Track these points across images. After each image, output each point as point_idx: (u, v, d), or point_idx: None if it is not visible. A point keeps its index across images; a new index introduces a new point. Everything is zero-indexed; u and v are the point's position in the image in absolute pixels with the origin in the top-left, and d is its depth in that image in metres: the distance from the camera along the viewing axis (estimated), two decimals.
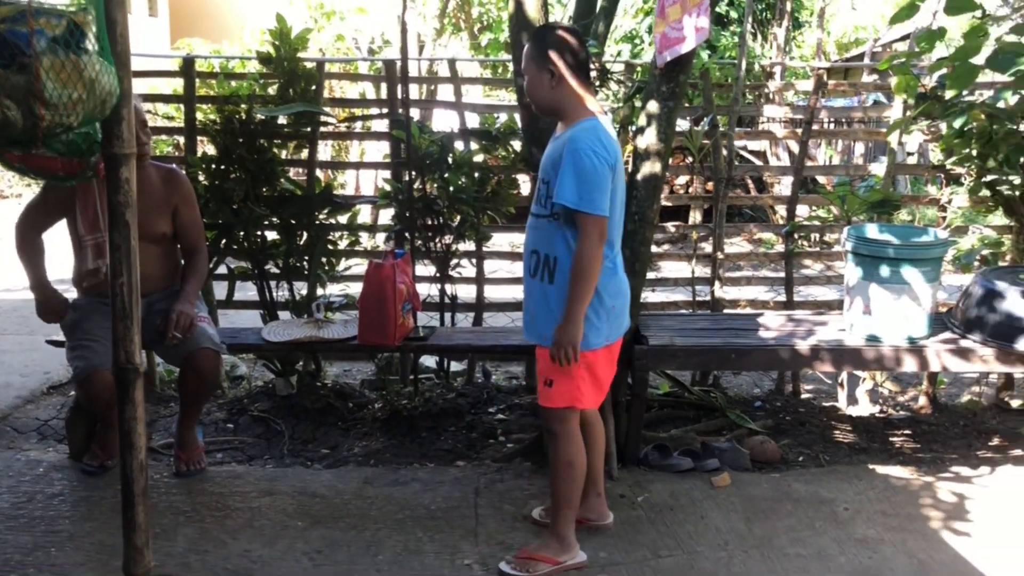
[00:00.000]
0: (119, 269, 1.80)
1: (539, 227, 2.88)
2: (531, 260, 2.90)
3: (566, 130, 2.81)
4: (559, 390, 2.86)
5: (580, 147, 2.70)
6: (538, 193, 2.89)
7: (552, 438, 2.95)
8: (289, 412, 4.38)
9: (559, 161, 2.74)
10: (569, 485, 2.93)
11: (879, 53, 12.61)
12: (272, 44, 4.41)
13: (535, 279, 2.88)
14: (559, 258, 2.80)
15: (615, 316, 2.92)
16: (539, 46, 2.82)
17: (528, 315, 2.97)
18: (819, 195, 5.30)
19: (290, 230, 4.52)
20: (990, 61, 3.62)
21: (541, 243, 2.86)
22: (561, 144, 2.77)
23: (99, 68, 1.65)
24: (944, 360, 3.55)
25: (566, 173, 2.70)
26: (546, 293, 2.85)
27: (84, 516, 3.28)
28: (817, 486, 3.58)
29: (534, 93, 2.86)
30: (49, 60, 1.58)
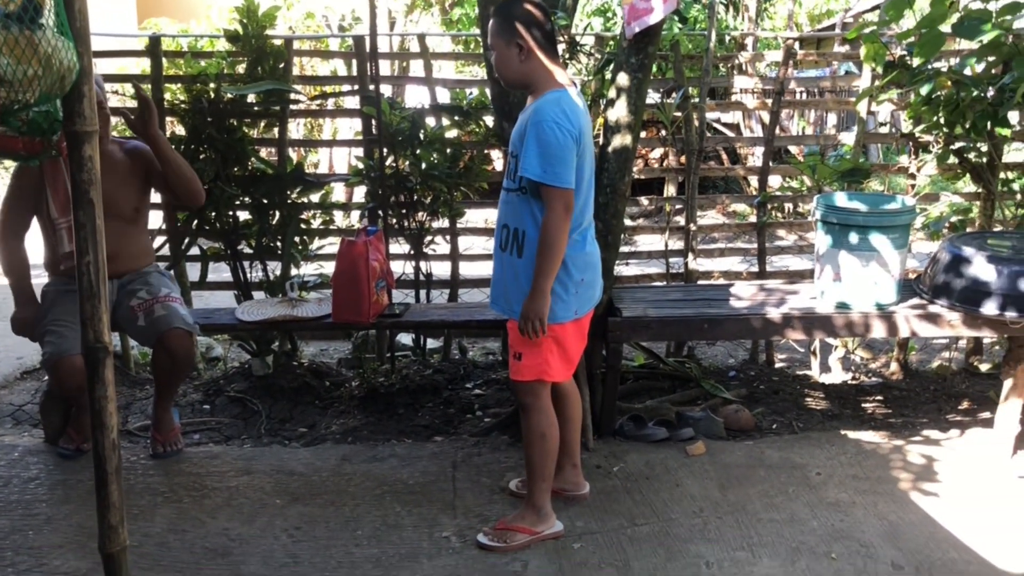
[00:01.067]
0: (85, 248, 1.79)
1: (509, 201, 2.88)
2: (502, 234, 2.90)
3: (533, 102, 2.81)
4: (528, 363, 2.88)
5: (543, 118, 2.69)
6: (508, 167, 2.89)
7: (524, 411, 2.97)
8: (266, 392, 4.38)
9: (524, 133, 2.74)
10: (543, 457, 2.95)
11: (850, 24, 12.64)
12: (240, 22, 4.36)
13: (505, 252, 2.89)
14: (527, 232, 2.80)
15: (584, 289, 2.92)
16: (505, 20, 2.79)
17: (497, 288, 2.98)
18: (790, 165, 5.33)
19: (262, 209, 4.50)
20: (956, 28, 3.64)
21: (511, 217, 2.86)
22: (527, 117, 2.77)
23: (56, 44, 1.63)
24: (913, 325, 3.60)
25: (530, 146, 2.70)
26: (515, 267, 2.85)
27: (61, 499, 3.27)
28: (790, 452, 3.63)
29: (503, 68, 2.84)
30: (2, 36, 1.56)
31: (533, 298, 2.75)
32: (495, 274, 2.99)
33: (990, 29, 3.51)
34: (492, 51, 2.86)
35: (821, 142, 5.58)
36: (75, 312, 3.31)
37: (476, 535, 2.97)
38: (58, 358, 3.25)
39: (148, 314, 3.40)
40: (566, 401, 3.15)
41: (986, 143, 4.25)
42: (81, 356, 3.13)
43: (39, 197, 3.40)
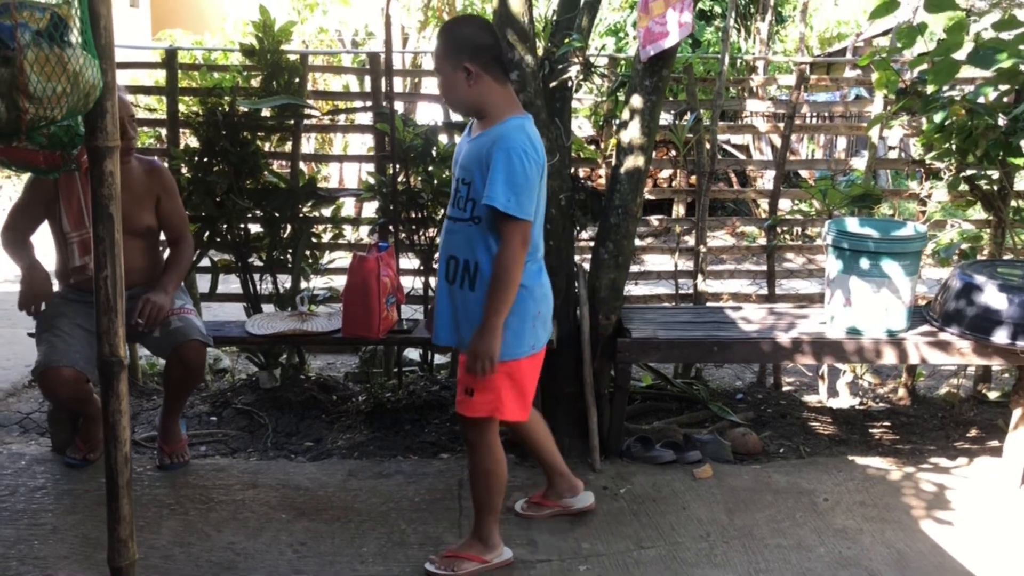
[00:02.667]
0: (103, 262, 1.80)
1: (457, 231, 2.70)
2: (449, 266, 2.73)
3: (490, 128, 2.65)
4: (479, 400, 2.73)
5: (511, 147, 2.55)
6: (456, 195, 2.72)
7: (469, 447, 2.86)
8: (273, 405, 4.38)
9: (485, 161, 2.59)
10: (488, 493, 2.86)
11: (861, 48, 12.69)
12: (255, 36, 4.39)
13: (454, 285, 2.72)
14: (480, 264, 2.65)
15: (540, 322, 2.79)
16: (451, 43, 2.63)
17: (443, 320, 2.80)
18: (801, 189, 5.34)
19: (274, 223, 4.51)
20: (971, 57, 3.65)
21: (460, 248, 2.69)
22: (488, 143, 2.61)
23: (83, 61, 1.65)
24: (923, 352, 3.59)
25: (497, 173, 2.53)
26: (466, 301, 2.70)
27: (67, 509, 3.27)
28: (797, 477, 3.62)
29: (449, 93, 2.67)
30: (33, 53, 1.57)
31: (483, 335, 2.60)
32: (439, 307, 2.81)
33: (1005, 59, 3.51)
34: (438, 75, 2.68)
35: (832, 167, 5.58)
36: (73, 324, 3.37)
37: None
38: (45, 368, 3.23)
39: (164, 326, 3.41)
40: (535, 427, 3.07)
41: (998, 171, 4.25)
42: (69, 369, 3.21)
43: (51, 209, 3.41)
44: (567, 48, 3.69)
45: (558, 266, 3.72)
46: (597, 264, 3.80)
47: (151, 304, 3.34)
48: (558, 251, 3.72)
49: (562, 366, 3.75)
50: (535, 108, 3.59)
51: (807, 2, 12.67)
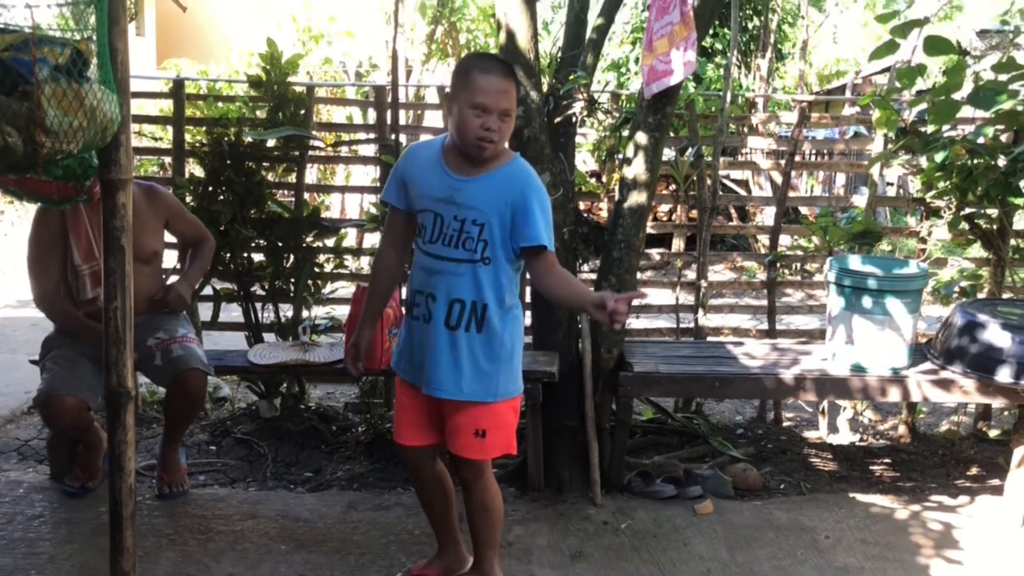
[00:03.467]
0: (113, 293, 1.81)
1: (460, 273, 2.57)
2: (452, 310, 2.59)
3: (499, 167, 2.58)
4: (494, 439, 2.67)
5: (540, 186, 2.58)
6: (455, 235, 2.57)
7: (470, 487, 2.79)
8: (272, 434, 4.37)
9: (510, 201, 2.53)
10: (489, 528, 2.84)
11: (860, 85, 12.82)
12: (262, 68, 4.44)
13: (457, 330, 2.59)
14: (488, 306, 2.58)
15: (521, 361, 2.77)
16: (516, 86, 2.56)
17: (445, 369, 2.61)
18: (802, 226, 5.37)
19: (277, 252, 4.53)
20: (972, 98, 3.70)
21: (463, 290, 2.58)
22: (510, 184, 2.55)
23: (100, 96, 1.67)
24: (925, 390, 3.60)
25: (534, 214, 2.52)
26: (471, 344, 2.60)
27: (65, 538, 3.25)
28: (798, 514, 3.61)
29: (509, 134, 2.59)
30: (51, 88, 1.59)
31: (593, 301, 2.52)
32: (441, 356, 2.61)
33: (1004, 100, 3.56)
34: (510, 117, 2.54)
35: (833, 204, 5.62)
36: (78, 353, 3.37)
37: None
38: (47, 396, 3.23)
39: (166, 353, 3.41)
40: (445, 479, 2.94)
41: (997, 210, 4.29)
42: (72, 397, 3.21)
43: (64, 244, 3.40)
44: (571, 84, 3.73)
45: None
46: None
47: (174, 292, 3.55)
48: None
49: (563, 400, 3.75)
50: (539, 143, 3.63)
51: (807, 40, 12.81)
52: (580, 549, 3.27)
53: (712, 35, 14.48)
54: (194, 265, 3.77)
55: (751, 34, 14.64)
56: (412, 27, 11.35)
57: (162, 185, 3.96)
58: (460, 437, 2.67)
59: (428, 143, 2.74)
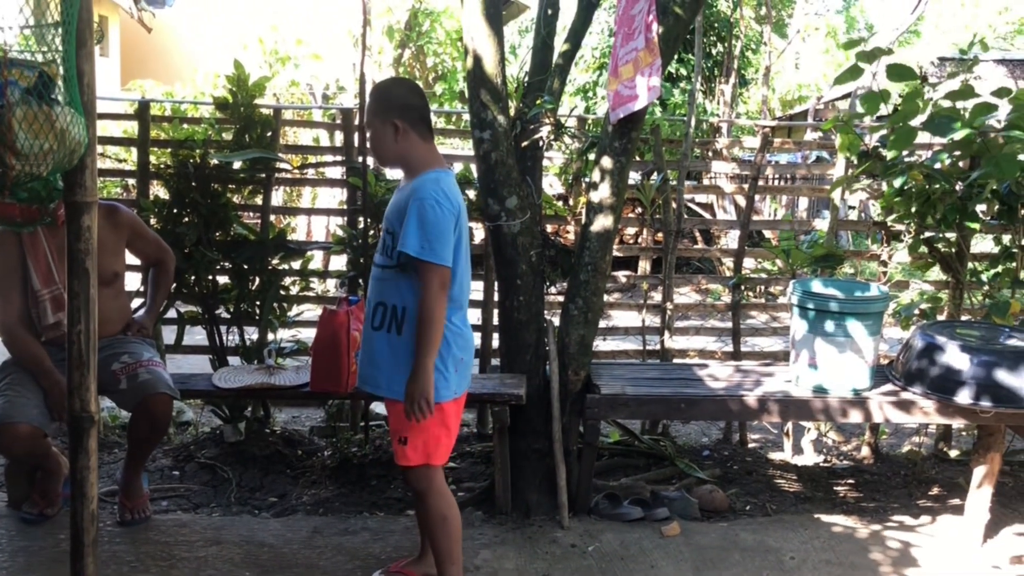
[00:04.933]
0: (77, 317, 1.79)
1: (385, 278, 2.84)
2: (376, 312, 2.83)
3: (411, 181, 2.81)
4: (414, 445, 2.79)
5: (424, 196, 2.69)
6: (382, 244, 2.86)
7: (419, 497, 2.88)
8: (237, 459, 4.32)
9: (404, 211, 2.73)
10: (447, 540, 2.89)
11: (822, 110, 13.03)
12: (229, 90, 4.43)
13: (380, 331, 2.81)
14: (407, 308, 2.76)
15: (463, 368, 2.89)
16: (382, 101, 2.82)
17: (368, 369, 2.88)
18: (765, 249, 5.44)
19: (242, 275, 4.50)
20: (928, 125, 3.78)
21: (387, 294, 2.81)
22: (407, 195, 2.76)
23: (70, 119, 1.66)
24: (887, 412, 3.64)
25: (410, 222, 2.68)
26: (393, 345, 2.79)
27: (23, 567, 3.18)
28: (764, 535, 3.63)
29: (379, 147, 2.85)
30: (22, 111, 1.58)
31: (417, 377, 2.68)
32: (365, 355, 2.90)
33: (960, 127, 3.64)
34: (368, 129, 2.87)
35: (796, 227, 5.71)
36: (35, 381, 3.31)
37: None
38: (0, 424, 3.17)
39: (132, 378, 3.37)
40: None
41: (955, 234, 4.37)
42: (26, 425, 3.16)
43: (23, 270, 3.33)
44: (538, 109, 3.76)
45: (528, 321, 3.75)
46: (567, 320, 3.82)
47: (137, 325, 3.65)
48: (528, 306, 3.75)
49: (530, 422, 3.76)
50: (507, 166, 3.65)
51: (769, 66, 13.01)
52: (547, 572, 3.26)
53: (677, 61, 14.70)
54: (158, 293, 3.80)
55: (715, 60, 14.88)
56: (380, 50, 11.38)
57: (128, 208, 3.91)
58: (393, 443, 2.86)
59: None
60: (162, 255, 3.77)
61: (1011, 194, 4.03)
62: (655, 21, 3.49)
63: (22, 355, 3.36)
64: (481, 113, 3.63)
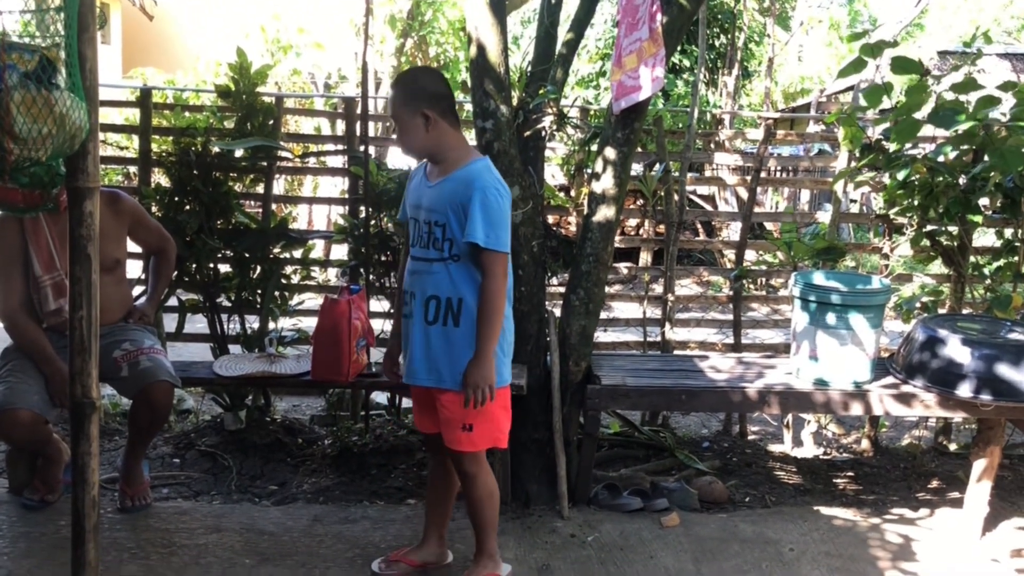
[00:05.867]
0: (79, 303, 1.79)
1: (435, 271, 2.79)
2: (428, 306, 2.80)
3: (456, 171, 2.78)
4: (481, 432, 2.83)
5: (485, 185, 2.70)
6: (426, 236, 2.81)
7: (469, 479, 2.92)
8: (237, 447, 4.33)
9: (459, 202, 2.72)
10: (492, 512, 2.99)
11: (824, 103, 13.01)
12: (231, 78, 4.42)
13: (435, 325, 2.79)
14: (463, 299, 2.77)
15: (511, 352, 2.97)
16: (409, 91, 2.78)
17: (420, 363, 2.84)
18: (767, 241, 5.43)
19: (244, 263, 4.50)
20: (932, 117, 3.76)
21: (440, 287, 2.79)
22: (459, 185, 2.74)
23: (70, 104, 1.65)
24: (887, 405, 3.65)
25: (475, 212, 2.68)
26: (449, 337, 2.79)
27: (23, 552, 3.19)
28: (763, 527, 3.64)
29: (408, 138, 2.79)
30: (20, 95, 1.58)
31: (481, 365, 2.72)
32: (416, 349, 2.85)
33: (964, 120, 3.63)
34: (395, 121, 2.81)
35: (797, 220, 5.70)
36: (37, 367, 3.31)
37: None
38: (1, 410, 3.17)
39: (133, 365, 3.37)
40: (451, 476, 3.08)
41: (957, 227, 4.37)
42: (27, 411, 3.16)
43: (24, 256, 3.33)
44: (541, 99, 3.75)
45: (530, 311, 3.74)
46: (568, 311, 3.82)
47: (138, 313, 3.64)
48: (529, 296, 3.74)
49: (531, 412, 3.75)
50: (509, 156, 3.64)
51: (772, 58, 12.98)
52: (547, 562, 3.27)
53: (680, 52, 14.66)
54: (159, 282, 3.81)
55: (718, 52, 14.83)
56: (382, 40, 11.35)
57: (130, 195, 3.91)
58: (450, 431, 2.85)
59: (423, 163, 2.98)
60: (163, 243, 3.77)
61: (1015, 188, 4.02)
62: (659, 11, 3.48)
63: (23, 341, 3.36)
64: (484, 103, 3.61)
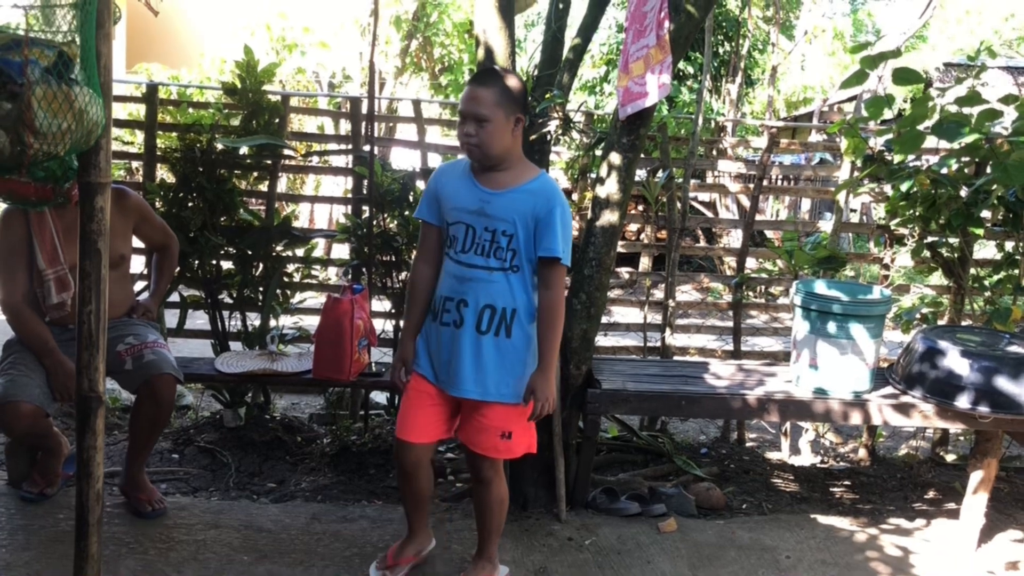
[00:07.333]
0: (88, 297, 1.79)
1: (492, 280, 2.74)
2: (483, 316, 2.74)
3: (527, 182, 2.74)
4: (519, 440, 2.85)
5: (564, 203, 2.73)
6: (488, 244, 2.73)
7: (487, 484, 2.96)
8: (236, 444, 4.34)
9: (534, 214, 2.69)
10: (502, 517, 3.06)
11: (827, 112, 13.04)
12: (238, 75, 4.43)
13: (487, 335, 2.75)
14: (518, 310, 2.75)
15: None
16: (510, 91, 2.67)
17: (472, 374, 2.77)
18: (768, 249, 5.45)
19: (246, 260, 4.51)
20: (936, 129, 3.78)
21: (496, 296, 2.74)
22: (538, 198, 2.71)
23: (88, 99, 1.66)
24: (886, 414, 3.66)
25: (555, 227, 2.69)
26: (500, 348, 2.76)
27: (21, 545, 3.19)
28: (760, 534, 3.65)
29: (494, 139, 2.66)
30: (42, 90, 1.58)
31: (547, 376, 2.73)
32: (466, 359, 2.76)
33: (968, 133, 3.64)
34: (487, 121, 2.64)
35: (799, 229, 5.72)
36: (38, 360, 3.31)
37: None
38: (3, 402, 3.16)
39: (137, 359, 3.37)
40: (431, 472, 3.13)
41: (959, 239, 4.38)
42: (28, 404, 3.16)
43: (28, 249, 3.33)
44: (548, 103, 3.76)
45: None
46: (570, 315, 3.82)
47: (142, 308, 3.65)
48: None
49: None
50: None
51: (776, 66, 13.01)
52: (544, 565, 3.27)
53: (684, 59, 14.69)
54: (162, 278, 3.82)
55: (722, 59, 14.86)
56: (387, 41, 11.36)
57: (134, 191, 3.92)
58: (486, 438, 2.84)
59: (455, 161, 2.96)
60: (167, 240, 3.77)
61: (1017, 201, 4.04)
62: (667, 19, 3.49)
63: (26, 334, 3.36)
64: None
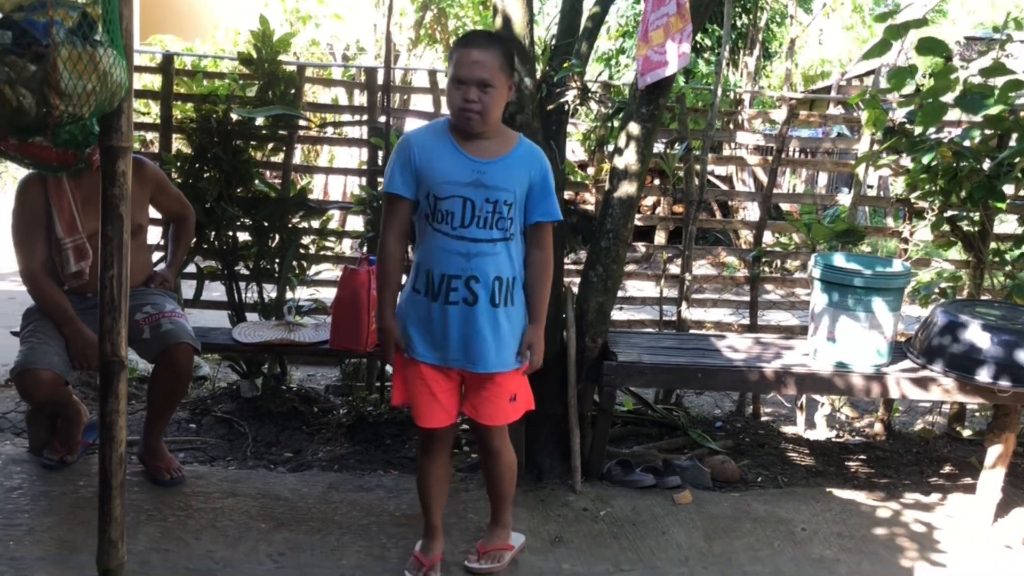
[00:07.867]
0: (110, 262, 1.80)
1: (496, 252, 2.65)
2: (495, 289, 2.66)
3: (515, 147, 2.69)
4: (522, 399, 2.87)
5: (546, 162, 2.74)
6: (490, 216, 2.62)
7: (494, 454, 2.93)
8: (253, 414, 4.36)
9: (527, 179, 2.66)
10: (512, 483, 3.04)
11: (844, 86, 12.91)
12: (253, 46, 4.41)
13: (500, 308, 2.68)
14: (516, 277, 2.74)
15: None
16: (510, 58, 2.63)
17: (494, 348, 2.70)
18: (786, 222, 5.41)
19: (262, 232, 4.51)
20: (959, 101, 3.74)
21: (501, 268, 2.67)
22: (531, 160, 2.69)
23: (112, 61, 1.66)
24: (904, 388, 3.64)
25: (548, 191, 2.71)
26: (511, 318, 2.73)
27: (44, 511, 3.23)
28: (775, 506, 3.65)
29: (497, 106, 2.59)
30: (67, 51, 1.57)
31: (540, 331, 2.80)
32: (486, 335, 2.68)
33: (993, 104, 3.60)
34: (491, 87, 2.54)
35: (817, 202, 5.68)
36: (58, 329, 3.33)
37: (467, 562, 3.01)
38: (23, 369, 3.21)
39: (155, 328, 3.39)
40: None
41: (979, 213, 4.34)
42: (48, 371, 3.19)
43: (47, 218, 3.34)
44: (565, 72, 3.73)
45: None
46: (586, 287, 3.82)
47: (160, 278, 3.67)
48: None
49: (546, 387, 3.75)
50: (531, 129, 3.63)
51: (794, 39, 12.87)
52: (560, 535, 3.29)
53: (701, 31, 14.56)
54: (179, 248, 3.83)
55: (739, 31, 14.72)
56: (402, 12, 11.30)
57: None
58: (493, 406, 2.80)
59: (424, 130, 2.78)
60: (184, 211, 3.78)
61: None
62: None
63: (45, 303, 3.38)
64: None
